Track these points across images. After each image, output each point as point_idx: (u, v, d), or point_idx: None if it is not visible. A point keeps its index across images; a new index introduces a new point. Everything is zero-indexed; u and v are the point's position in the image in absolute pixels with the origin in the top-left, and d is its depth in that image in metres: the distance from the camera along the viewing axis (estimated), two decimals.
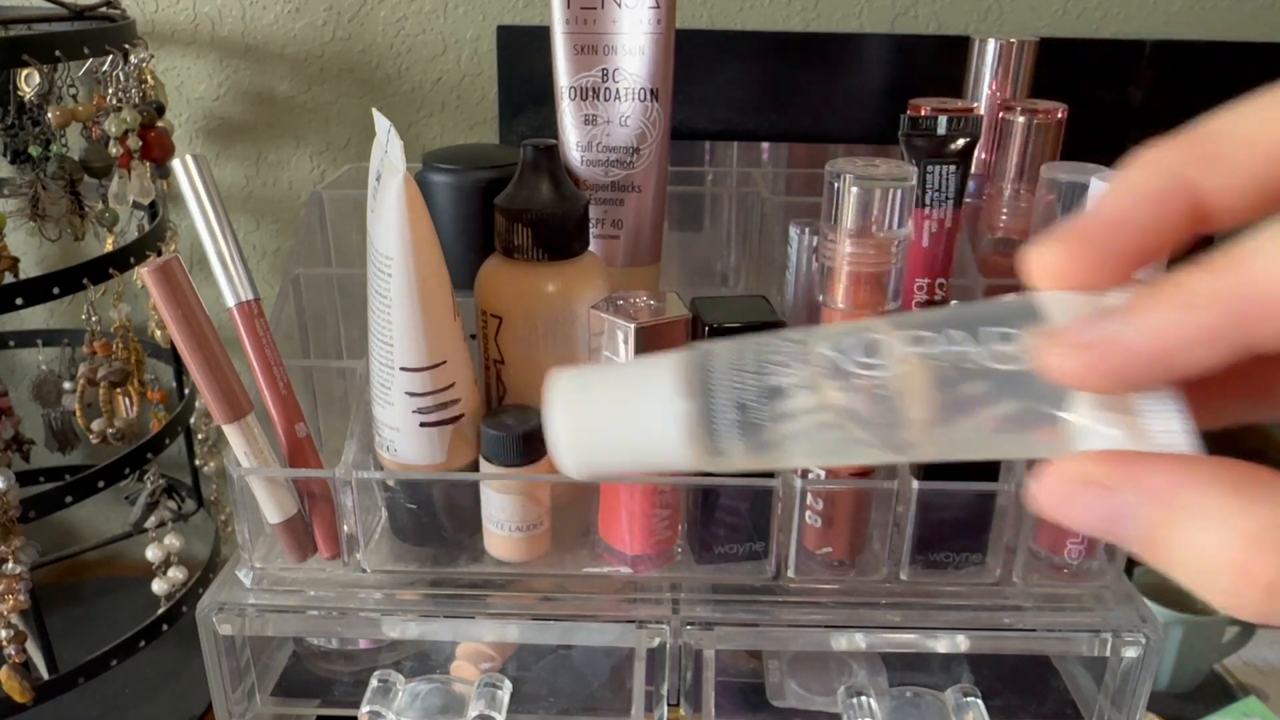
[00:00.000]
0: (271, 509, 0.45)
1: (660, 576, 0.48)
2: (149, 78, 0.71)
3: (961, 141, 0.47)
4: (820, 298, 0.44)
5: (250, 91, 0.82)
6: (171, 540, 0.77)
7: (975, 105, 0.61)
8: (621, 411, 0.19)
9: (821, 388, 0.19)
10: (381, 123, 0.40)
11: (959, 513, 0.46)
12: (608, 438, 0.19)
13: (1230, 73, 0.71)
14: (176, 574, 0.77)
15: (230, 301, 0.44)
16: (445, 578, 0.48)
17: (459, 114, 0.82)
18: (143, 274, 0.41)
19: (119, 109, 0.68)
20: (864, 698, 0.47)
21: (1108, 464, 0.17)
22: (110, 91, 0.68)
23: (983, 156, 0.60)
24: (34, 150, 0.71)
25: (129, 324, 0.74)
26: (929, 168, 0.46)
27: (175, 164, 0.43)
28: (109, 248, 0.74)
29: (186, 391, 0.81)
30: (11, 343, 0.86)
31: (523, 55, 0.72)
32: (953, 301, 0.49)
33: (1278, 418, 0.20)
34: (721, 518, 0.47)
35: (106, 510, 0.95)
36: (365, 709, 0.47)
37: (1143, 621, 0.45)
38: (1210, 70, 0.71)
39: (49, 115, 0.68)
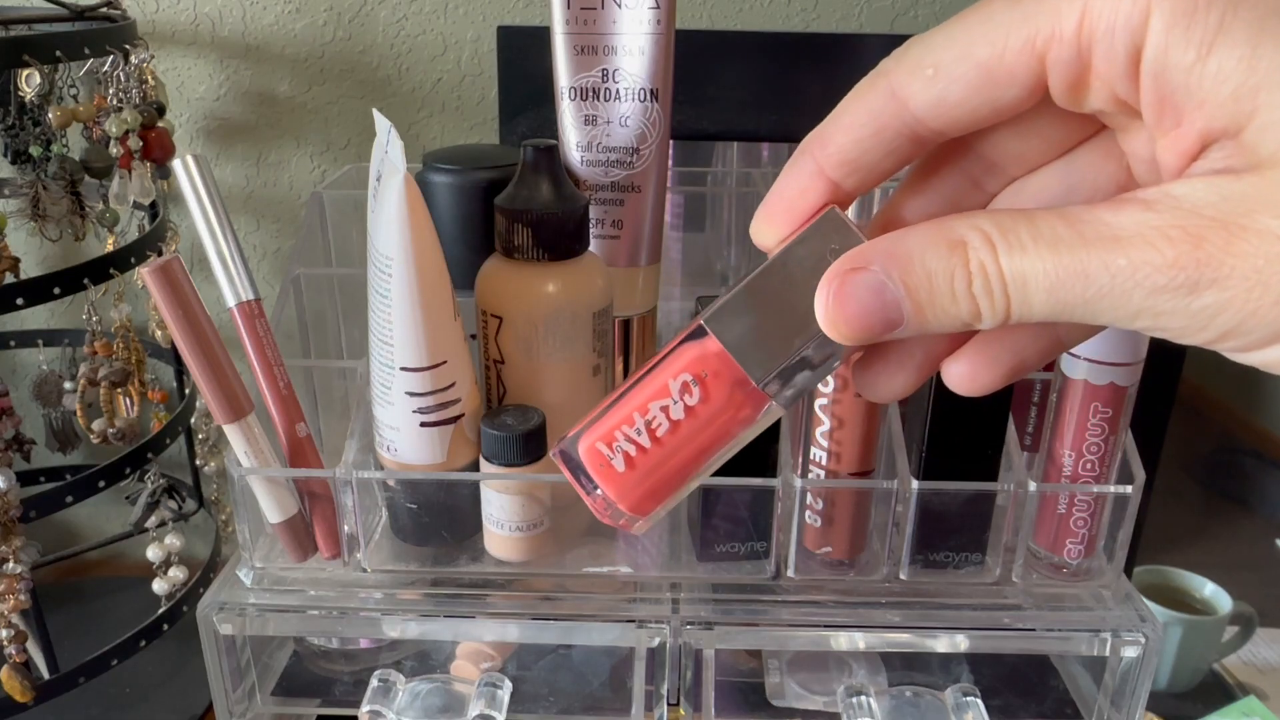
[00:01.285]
0: (272, 509, 0.45)
1: (660, 576, 0.48)
2: (149, 78, 0.71)
3: None
4: None
5: (250, 92, 0.82)
6: (172, 540, 0.77)
7: None
8: None
9: None
10: (382, 123, 0.40)
11: (959, 512, 0.46)
12: None
13: None
14: (177, 574, 0.77)
15: (231, 301, 0.44)
16: (445, 577, 0.48)
17: (459, 114, 0.82)
18: (143, 274, 0.41)
19: (119, 109, 0.68)
20: (864, 697, 0.47)
21: (852, 256, 0.22)
22: (111, 92, 0.69)
23: None
24: (35, 150, 0.71)
25: (129, 324, 0.74)
26: None
27: (176, 164, 0.43)
28: (109, 248, 0.74)
29: (187, 391, 0.81)
30: (12, 343, 0.86)
31: (523, 55, 0.72)
32: None
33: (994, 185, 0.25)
34: (722, 517, 0.47)
35: (107, 510, 0.95)
36: (365, 708, 0.47)
37: (1142, 621, 0.45)
38: None
39: (50, 115, 0.68)
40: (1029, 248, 0.19)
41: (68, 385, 0.82)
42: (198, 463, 0.85)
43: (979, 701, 0.46)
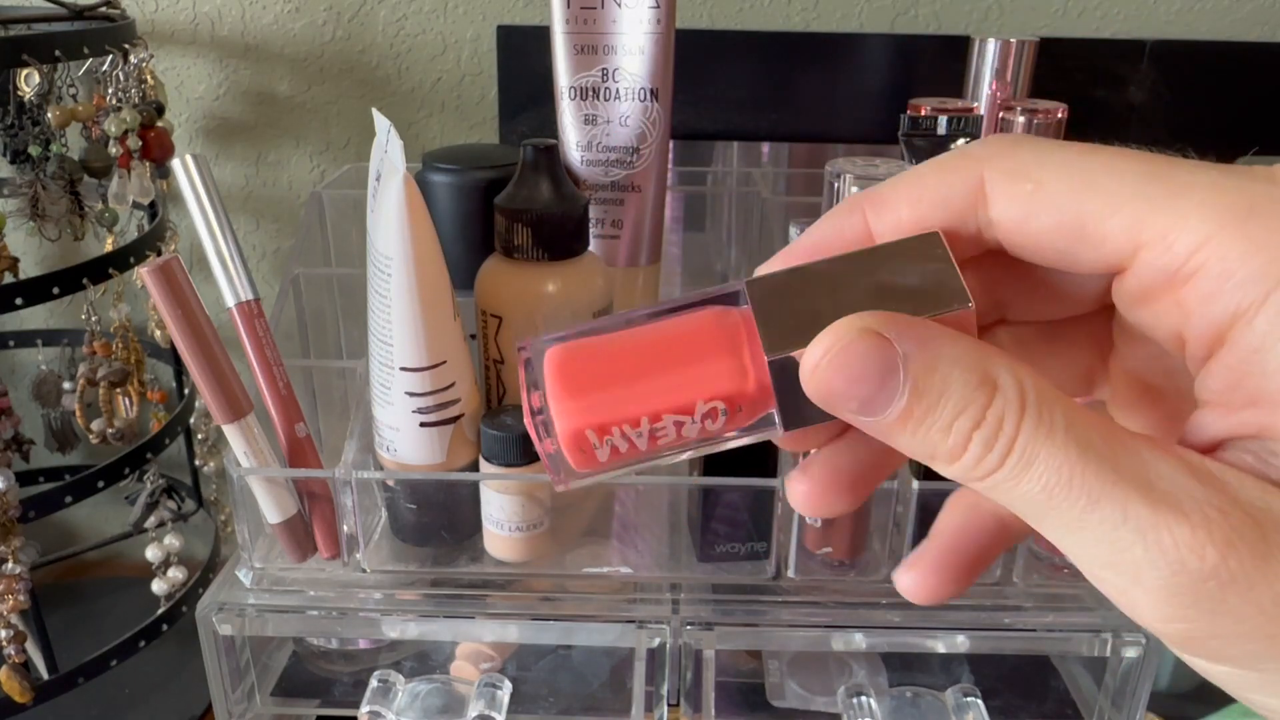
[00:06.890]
0: (271, 509, 0.45)
1: (660, 576, 0.48)
2: (149, 78, 0.71)
3: (961, 141, 0.47)
4: None
5: (250, 91, 0.82)
6: (171, 540, 0.77)
7: (975, 105, 0.61)
8: None
9: None
10: (381, 123, 0.40)
11: None
12: None
13: (1230, 73, 0.71)
14: (176, 574, 0.77)
15: (230, 301, 0.44)
16: (445, 578, 0.48)
17: (459, 114, 0.82)
18: (142, 274, 0.41)
19: (119, 109, 0.68)
20: (864, 698, 0.47)
21: (889, 321, 0.18)
22: (110, 91, 0.68)
23: None
24: (34, 150, 0.71)
25: (129, 324, 0.74)
26: None
27: (175, 164, 0.43)
28: (109, 248, 0.74)
29: (186, 391, 0.81)
30: (11, 343, 0.86)
31: (523, 55, 0.71)
32: None
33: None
34: (722, 517, 0.47)
35: (106, 510, 0.95)
36: (365, 709, 0.47)
37: None
38: (1210, 70, 0.71)
39: (49, 115, 0.68)
40: (1058, 435, 0.17)
41: (67, 385, 0.82)
42: (197, 463, 0.85)
43: (979, 702, 0.46)
